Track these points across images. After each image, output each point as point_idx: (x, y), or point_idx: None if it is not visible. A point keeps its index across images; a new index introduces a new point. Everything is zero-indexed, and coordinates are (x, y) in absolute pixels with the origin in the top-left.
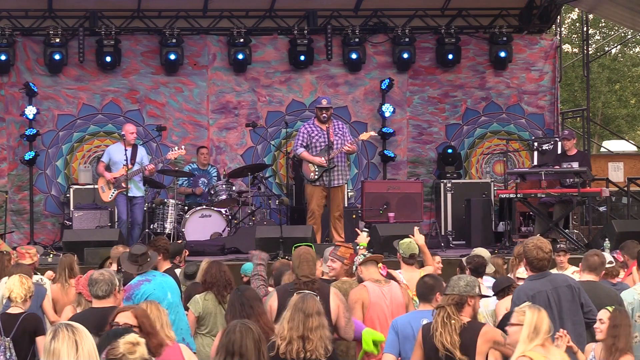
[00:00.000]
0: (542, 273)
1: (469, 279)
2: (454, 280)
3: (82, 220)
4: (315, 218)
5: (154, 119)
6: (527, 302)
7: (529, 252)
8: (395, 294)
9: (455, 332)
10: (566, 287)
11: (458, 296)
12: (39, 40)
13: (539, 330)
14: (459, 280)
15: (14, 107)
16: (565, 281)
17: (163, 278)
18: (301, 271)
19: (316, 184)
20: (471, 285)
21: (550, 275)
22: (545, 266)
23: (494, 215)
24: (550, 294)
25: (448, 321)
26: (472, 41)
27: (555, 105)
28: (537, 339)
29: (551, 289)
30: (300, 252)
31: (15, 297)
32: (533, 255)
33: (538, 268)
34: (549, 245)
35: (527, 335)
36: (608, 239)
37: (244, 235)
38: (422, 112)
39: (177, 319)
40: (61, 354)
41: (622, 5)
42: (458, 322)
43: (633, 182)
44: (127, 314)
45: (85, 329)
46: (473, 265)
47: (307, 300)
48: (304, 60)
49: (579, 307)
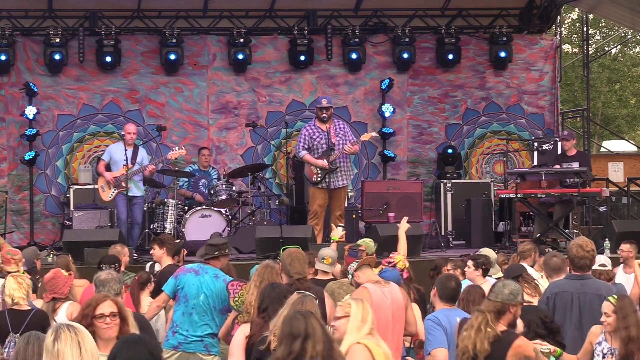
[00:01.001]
0: (581, 275)
1: (513, 286)
2: (499, 287)
3: (82, 220)
4: (317, 219)
5: (154, 119)
6: (349, 295)
7: (570, 251)
8: (396, 295)
9: (487, 341)
10: (597, 295)
11: (500, 304)
12: (39, 40)
13: (365, 320)
14: (504, 287)
15: (14, 107)
16: (597, 290)
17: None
18: (293, 269)
19: (319, 185)
20: (514, 294)
21: (589, 279)
22: (587, 265)
23: (494, 215)
24: (575, 297)
25: (484, 328)
26: (472, 41)
27: (555, 105)
28: (365, 328)
29: (580, 293)
30: (290, 252)
31: (18, 300)
32: (573, 254)
33: (579, 267)
34: (591, 245)
35: (355, 326)
36: (608, 239)
37: (244, 235)
38: (422, 112)
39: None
40: (65, 355)
41: (622, 5)
42: (493, 331)
43: (633, 182)
44: (109, 302)
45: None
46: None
47: (306, 302)
48: (304, 60)
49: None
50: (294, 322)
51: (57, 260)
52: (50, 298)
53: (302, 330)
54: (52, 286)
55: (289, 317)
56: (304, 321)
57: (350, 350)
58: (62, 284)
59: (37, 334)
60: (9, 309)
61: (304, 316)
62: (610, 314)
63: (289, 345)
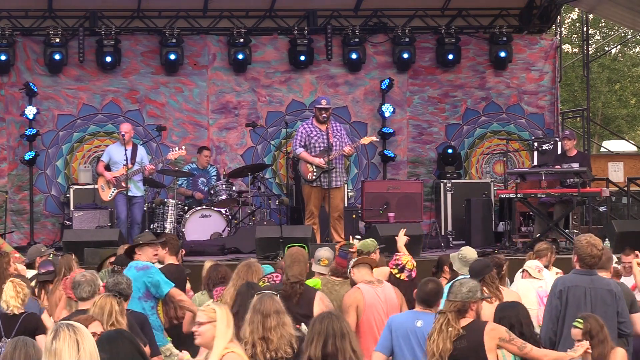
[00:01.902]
0: (589, 271)
1: (471, 284)
2: (456, 287)
3: (82, 220)
4: (313, 218)
5: (154, 119)
6: (211, 301)
7: (583, 249)
8: (389, 294)
9: (450, 340)
10: (607, 290)
11: (460, 303)
12: (39, 40)
13: (230, 325)
14: (461, 286)
15: (14, 107)
16: (607, 285)
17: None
18: (291, 271)
19: (313, 184)
20: (473, 291)
21: (596, 275)
22: (596, 264)
23: (494, 215)
24: (587, 291)
25: (445, 328)
26: (472, 41)
27: (555, 105)
28: (230, 333)
29: (591, 288)
30: (292, 252)
31: (12, 309)
32: (587, 252)
33: (589, 265)
34: (601, 244)
35: (223, 331)
36: (608, 239)
37: (244, 235)
38: (422, 112)
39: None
40: (63, 353)
41: (622, 5)
42: (455, 329)
43: (633, 182)
44: (97, 323)
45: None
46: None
47: (265, 301)
48: (304, 60)
49: (615, 314)
50: (327, 322)
51: (61, 260)
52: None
53: (338, 329)
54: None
55: (321, 317)
56: (337, 321)
57: (225, 358)
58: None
59: (24, 339)
60: (1, 314)
61: (337, 317)
62: (582, 338)
63: (322, 344)
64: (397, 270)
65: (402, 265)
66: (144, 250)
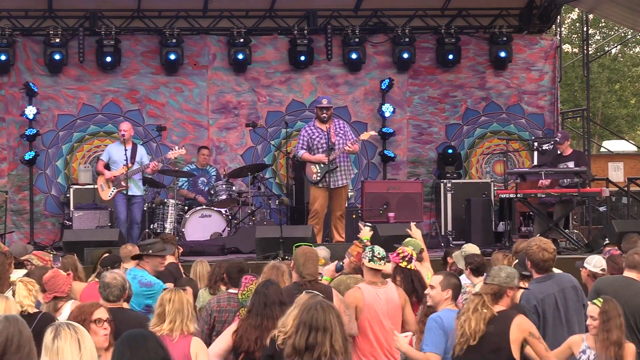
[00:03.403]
0: (548, 275)
1: (509, 270)
2: (495, 271)
3: (82, 220)
4: (318, 219)
5: (154, 119)
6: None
7: (534, 255)
8: (392, 295)
9: (483, 321)
10: (571, 288)
11: (497, 286)
12: (39, 40)
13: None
14: (500, 271)
15: (14, 107)
16: (570, 282)
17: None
18: (306, 269)
19: (319, 185)
20: (511, 277)
21: (555, 276)
22: (551, 266)
23: (494, 215)
24: (557, 297)
25: (480, 309)
26: (472, 41)
27: (555, 105)
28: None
29: (558, 291)
30: (305, 251)
31: (27, 308)
32: (539, 258)
33: (544, 269)
34: (552, 245)
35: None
36: (608, 239)
37: (244, 235)
38: (422, 112)
39: None
40: (65, 352)
41: (622, 5)
42: (490, 312)
43: (633, 182)
44: (102, 310)
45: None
46: (474, 265)
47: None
48: (304, 60)
49: (582, 308)
50: (313, 313)
51: (63, 260)
52: (51, 297)
53: (322, 323)
54: (53, 285)
55: (310, 307)
56: (323, 314)
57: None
58: (62, 283)
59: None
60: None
61: (323, 309)
62: (596, 317)
63: (306, 335)
64: (406, 262)
65: (409, 256)
66: (152, 259)
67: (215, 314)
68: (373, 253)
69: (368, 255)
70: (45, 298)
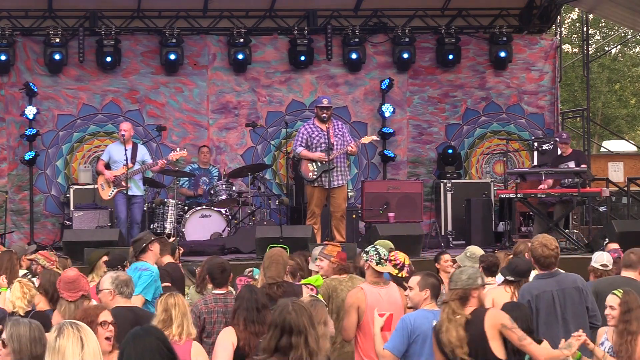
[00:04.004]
0: (550, 272)
1: (470, 271)
2: (456, 275)
3: (82, 220)
4: (315, 218)
5: (154, 119)
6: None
7: (535, 250)
8: (394, 296)
9: (461, 327)
10: (574, 288)
11: (462, 290)
12: (39, 40)
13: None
14: (461, 274)
15: (14, 107)
16: (574, 282)
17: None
18: (269, 272)
19: (315, 184)
20: (473, 278)
21: (559, 275)
22: (553, 263)
23: (494, 215)
24: (555, 295)
25: (453, 317)
26: (472, 41)
27: (555, 105)
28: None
29: (557, 290)
30: (271, 254)
31: (18, 310)
32: (539, 253)
33: (545, 266)
34: (554, 242)
35: None
36: (608, 239)
37: (244, 235)
38: (422, 112)
39: None
40: (66, 351)
41: (622, 5)
42: (463, 316)
43: (633, 182)
44: (107, 312)
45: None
46: (486, 264)
47: (318, 309)
48: (304, 60)
49: (585, 310)
50: (286, 316)
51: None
52: (79, 295)
53: (295, 325)
54: (79, 285)
55: (283, 309)
56: (295, 316)
57: None
58: (85, 282)
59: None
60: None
61: (296, 311)
62: (616, 307)
63: (277, 338)
64: (397, 270)
65: (402, 264)
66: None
67: (204, 316)
68: (380, 256)
69: (375, 258)
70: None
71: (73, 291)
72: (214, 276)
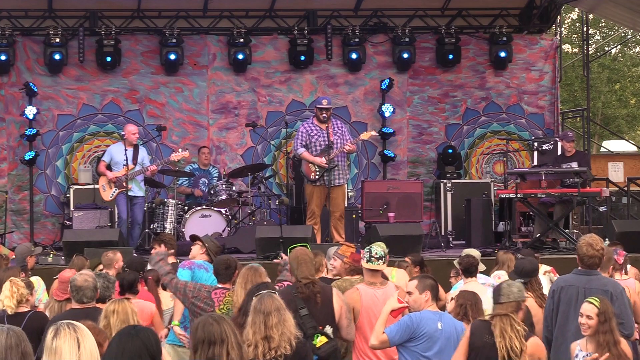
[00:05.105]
0: (589, 271)
1: (517, 283)
2: (506, 288)
3: (82, 220)
4: (315, 218)
5: (154, 119)
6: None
7: (579, 249)
8: (391, 295)
9: (523, 339)
10: (603, 291)
11: (515, 302)
12: (39, 40)
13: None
14: (510, 287)
15: (14, 107)
16: (603, 285)
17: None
18: (300, 273)
19: (317, 184)
20: (522, 290)
21: (595, 276)
22: (596, 264)
23: (494, 215)
24: (581, 292)
25: (515, 329)
26: (472, 41)
27: (555, 105)
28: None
29: (585, 288)
30: (297, 254)
31: (6, 309)
32: (584, 252)
33: (588, 265)
34: (600, 243)
35: None
36: (608, 239)
37: (244, 235)
38: (422, 112)
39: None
40: (63, 351)
41: (622, 5)
42: (522, 329)
43: (633, 182)
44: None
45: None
46: (464, 266)
47: (265, 300)
48: (304, 60)
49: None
50: (208, 328)
51: (75, 260)
52: (64, 298)
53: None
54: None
55: (202, 323)
56: (217, 326)
57: None
58: None
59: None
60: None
61: (217, 321)
62: (593, 317)
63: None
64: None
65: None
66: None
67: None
68: (370, 253)
69: (365, 255)
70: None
71: (63, 292)
72: (219, 272)
